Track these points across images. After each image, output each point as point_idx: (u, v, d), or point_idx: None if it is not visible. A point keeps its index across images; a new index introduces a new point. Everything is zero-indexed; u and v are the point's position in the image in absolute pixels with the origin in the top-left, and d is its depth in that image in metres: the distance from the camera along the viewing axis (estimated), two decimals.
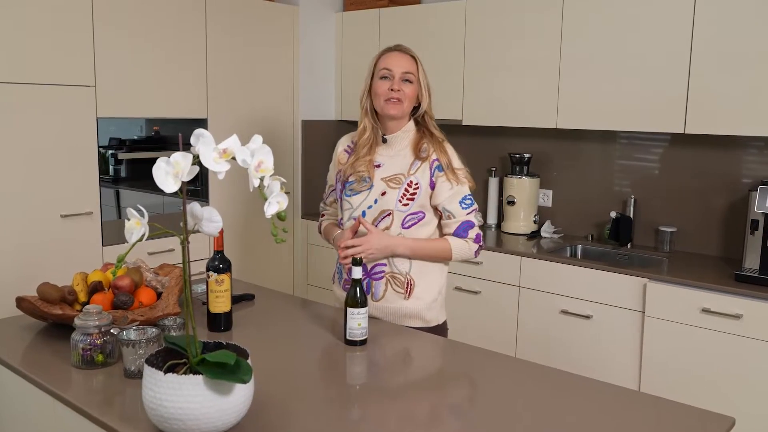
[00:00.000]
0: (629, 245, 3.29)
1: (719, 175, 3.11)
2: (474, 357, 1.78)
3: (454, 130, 2.08)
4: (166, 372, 1.21)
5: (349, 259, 1.87)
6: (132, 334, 1.54)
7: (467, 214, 2.00)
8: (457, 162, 2.02)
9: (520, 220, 3.55)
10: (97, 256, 3.03)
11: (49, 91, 2.84)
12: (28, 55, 2.77)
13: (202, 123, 3.43)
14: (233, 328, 1.90)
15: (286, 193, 1.23)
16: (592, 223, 3.51)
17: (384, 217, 1.99)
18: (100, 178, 3.06)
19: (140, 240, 1.21)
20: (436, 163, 1.98)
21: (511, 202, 3.54)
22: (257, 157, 1.21)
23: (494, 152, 3.81)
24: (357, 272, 1.78)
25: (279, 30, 3.81)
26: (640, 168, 3.34)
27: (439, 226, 2.06)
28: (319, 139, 4.06)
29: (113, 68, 3.05)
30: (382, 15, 3.86)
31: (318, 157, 4.04)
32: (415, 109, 2.04)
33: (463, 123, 3.55)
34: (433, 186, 1.98)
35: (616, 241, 3.27)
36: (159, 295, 1.93)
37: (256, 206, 3.67)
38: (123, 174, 3.18)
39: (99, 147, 3.05)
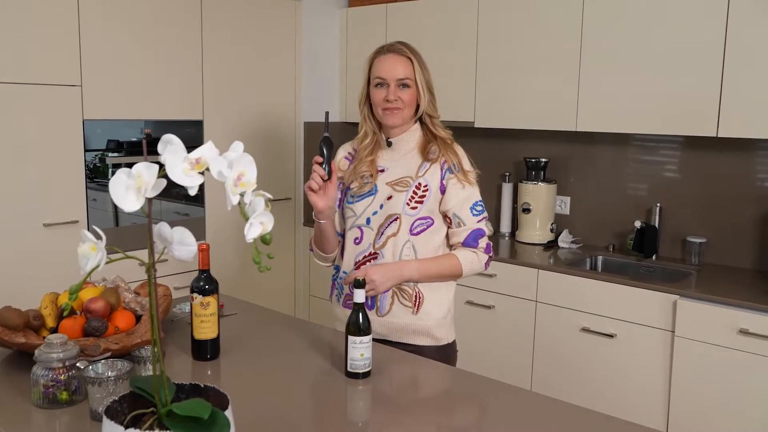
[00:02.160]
0: (654, 257, 3.06)
1: (751, 181, 2.88)
2: (488, 390, 1.59)
3: (465, 133, 1.92)
4: (127, 426, 1.01)
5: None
6: (99, 368, 1.34)
7: (478, 222, 1.87)
8: (467, 164, 1.89)
9: (536, 229, 3.34)
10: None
11: (30, 90, 2.65)
12: (7, 51, 2.57)
13: (197, 125, 3.24)
14: (221, 356, 1.70)
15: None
16: (613, 233, 3.29)
17: (390, 223, 1.84)
18: (95, 182, 2.89)
19: (96, 268, 1.01)
20: (447, 165, 1.86)
21: (527, 210, 3.34)
22: (237, 169, 1.00)
23: (508, 156, 3.60)
24: (359, 296, 1.58)
25: (280, 26, 3.63)
26: (665, 173, 3.12)
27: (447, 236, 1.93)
28: None
29: (101, 66, 2.86)
30: (390, 11, 3.66)
31: None
32: (418, 108, 1.91)
33: (476, 125, 3.34)
34: (443, 189, 1.85)
35: (640, 252, 3.05)
36: (139, 318, 1.73)
37: None
38: None
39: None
